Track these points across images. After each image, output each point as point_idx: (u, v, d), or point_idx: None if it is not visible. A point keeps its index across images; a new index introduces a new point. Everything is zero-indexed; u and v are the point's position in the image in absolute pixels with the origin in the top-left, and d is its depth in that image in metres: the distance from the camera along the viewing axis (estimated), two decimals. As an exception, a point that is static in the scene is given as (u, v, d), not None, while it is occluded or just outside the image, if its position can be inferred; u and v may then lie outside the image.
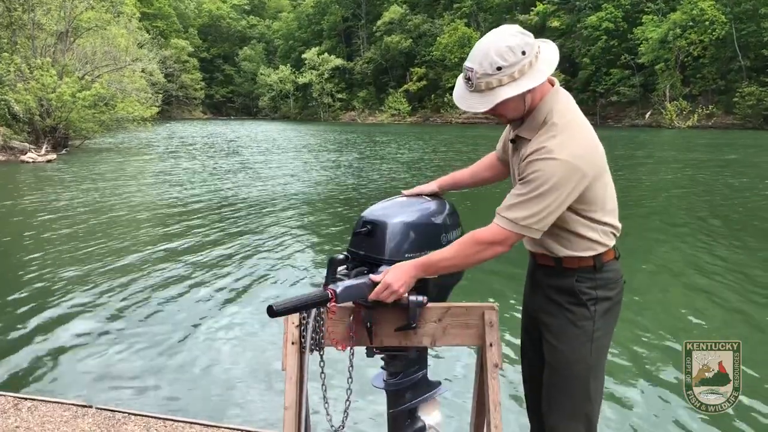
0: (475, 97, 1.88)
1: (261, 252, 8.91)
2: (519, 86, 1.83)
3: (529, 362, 2.33)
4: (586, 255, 2.01)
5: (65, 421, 3.25)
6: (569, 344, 2.04)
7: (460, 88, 1.94)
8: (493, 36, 1.85)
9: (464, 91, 1.91)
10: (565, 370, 2.06)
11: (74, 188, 15.55)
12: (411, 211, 2.11)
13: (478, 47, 1.86)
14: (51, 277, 7.54)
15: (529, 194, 1.85)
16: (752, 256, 8.24)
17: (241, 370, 5.00)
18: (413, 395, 2.32)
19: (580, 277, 2.02)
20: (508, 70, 1.81)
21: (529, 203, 1.85)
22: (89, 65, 30.33)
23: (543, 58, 1.87)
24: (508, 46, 1.80)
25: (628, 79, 52.97)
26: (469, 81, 1.87)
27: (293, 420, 2.07)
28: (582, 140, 1.91)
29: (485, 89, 1.84)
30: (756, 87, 44.42)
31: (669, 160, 22.85)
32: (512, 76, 1.82)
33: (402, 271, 1.94)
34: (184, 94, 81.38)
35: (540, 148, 1.87)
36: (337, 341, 2.10)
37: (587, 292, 2.02)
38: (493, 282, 6.92)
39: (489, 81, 1.83)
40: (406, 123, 62.92)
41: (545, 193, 1.83)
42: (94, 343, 5.52)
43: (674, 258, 8.24)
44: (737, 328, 5.39)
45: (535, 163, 1.86)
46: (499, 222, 1.90)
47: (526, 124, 1.96)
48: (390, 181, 17.03)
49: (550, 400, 2.12)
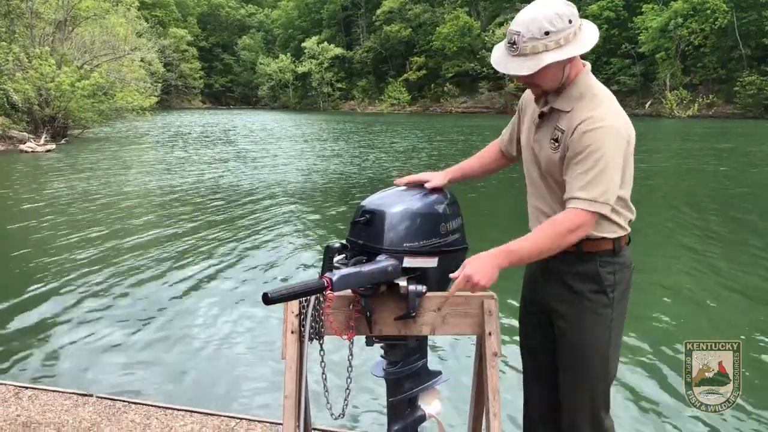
0: (517, 60, 1.88)
1: (259, 240, 8.92)
2: (564, 52, 1.85)
3: (530, 351, 2.33)
4: (608, 237, 2.02)
5: (66, 409, 3.26)
6: (588, 332, 2.06)
7: (501, 53, 1.94)
8: (541, 2, 1.87)
9: (505, 55, 1.91)
10: (584, 358, 2.08)
11: (74, 178, 15.53)
12: (410, 200, 2.11)
13: (526, 12, 1.86)
14: (51, 266, 7.55)
15: (595, 168, 1.86)
16: (752, 253, 8.13)
17: (241, 359, 5.02)
18: (413, 384, 2.33)
19: (601, 262, 2.03)
20: (555, 36, 1.83)
21: (598, 178, 1.86)
22: (88, 54, 30.22)
23: (586, 30, 1.91)
24: (557, 13, 1.83)
25: (629, 68, 52.81)
26: (513, 45, 1.87)
27: (293, 409, 2.08)
28: (620, 110, 1.98)
29: (530, 53, 1.85)
30: (757, 76, 44.28)
31: (661, 149, 22.80)
32: (558, 42, 1.84)
33: (483, 263, 1.87)
34: (183, 84, 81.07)
35: (588, 118, 1.90)
36: (336, 330, 2.11)
37: (608, 277, 2.04)
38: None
39: (535, 45, 1.83)
40: (406, 112, 62.74)
41: (608, 164, 1.86)
42: (94, 332, 5.53)
43: (673, 256, 8.18)
44: (737, 328, 5.29)
45: (589, 134, 1.88)
46: (580, 205, 1.87)
47: (563, 96, 1.98)
48: (387, 170, 17.01)
49: (569, 387, 2.14)
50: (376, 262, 2.00)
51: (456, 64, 60.00)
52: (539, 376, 2.30)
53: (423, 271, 2.09)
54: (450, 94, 62.00)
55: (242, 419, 3.18)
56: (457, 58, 60.10)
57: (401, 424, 2.35)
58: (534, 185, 2.15)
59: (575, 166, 1.90)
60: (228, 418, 3.20)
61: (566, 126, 1.96)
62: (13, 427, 3.09)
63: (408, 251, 2.04)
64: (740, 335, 5.01)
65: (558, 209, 1.99)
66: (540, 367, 2.29)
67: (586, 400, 2.11)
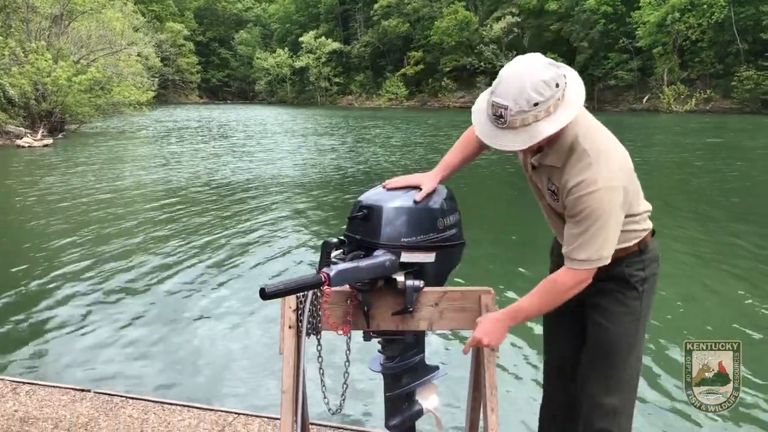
0: (508, 134, 1.79)
1: (256, 235, 8.92)
2: (557, 121, 1.77)
3: (553, 346, 2.35)
4: (631, 244, 2.04)
5: (63, 405, 3.26)
6: (616, 323, 2.07)
7: (487, 126, 1.84)
8: (525, 69, 1.77)
9: (493, 128, 1.82)
10: (610, 347, 2.09)
11: (71, 173, 15.50)
12: (407, 195, 2.10)
13: (511, 82, 1.76)
14: (48, 262, 7.54)
15: (590, 230, 1.85)
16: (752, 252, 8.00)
17: (239, 354, 5.02)
18: (411, 379, 2.33)
19: (629, 263, 2.05)
20: (545, 104, 1.74)
21: (593, 239, 1.86)
22: (84, 49, 30.12)
23: (571, 87, 1.82)
24: (544, 81, 1.74)
25: (626, 63, 52.71)
26: (500, 118, 1.77)
27: (291, 403, 2.08)
28: (614, 156, 1.89)
29: (520, 126, 1.76)
30: (754, 71, 44.22)
31: (656, 143, 22.83)
32: (548, 110, 1.75)
33: (492, 325, 2.00)
34: (180, 78, 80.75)
35: (581, 182, 1.85)
36: (334, 325, 2.11)
37: (636, 274, 2.06)
38: (488, 266, 6.93)
39: (525, 117, 1.75)
40: (404, 107, 62.66)
41: (603, 224, 1.84)
42: (92, 327, 5.53)
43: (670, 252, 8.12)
44: (737, 329, 5.23)
45: (583, 199, 1.85)
46: (575, 266, 1.91)
47: (553, 151, 1.91)
48: (384, 165, 17.00)
49: (589, 376, 2.14)
50: (374, 258, 2.00)
51: (454, 58, 59.86)
52: (562, 371, 2.31)
53: (420, 266, 2.08)
54: (448, 88, 61.88)
55: (240, 414, 3.18)
56: (454, 52, 59.92)
57: (399, 419, 2.36)
58: (544, 202, 2.15)
59: (572, 225, 1.90)
60: (225, 412, 3.20)
61: (560, 183, 1.93)
62: (10, 422, 3.08)
63: (405, 246, 2.03)
64: (740, 335, 4.94)
65: None
66: (563, 362, 2.29)
67: (602, 395, 2.12)
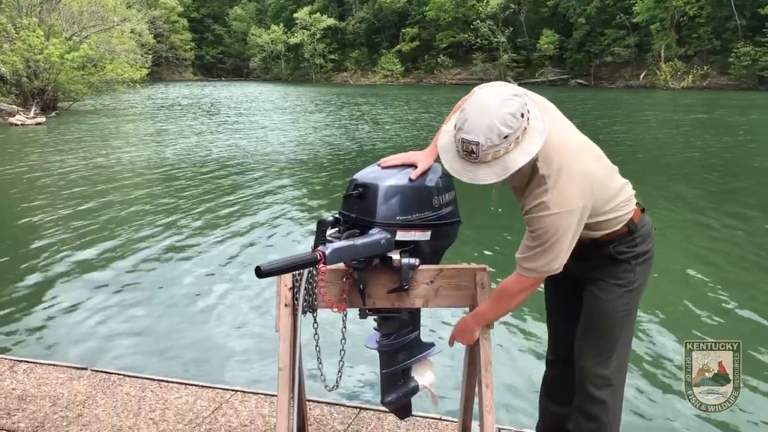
0: (482, 168, 1.81)
1: (251, 213, 8.92)
2: (527, 150, 1.80)
3: (554, 323, 2.40)
4: (618, 228, 2.07)
5: (61, 383, 3.28)
6: (609, 293, 2.11)
7: (458, 163, 1.85)
8: (489, 104, 1.78)
9: (465, 164, 1.83)
10: (604, 318, 2.12)
11: (65, 150, 15.42)
12: (403, 174, 2.09)
13: (479, 119, 1.76)
14: (44, 240, 7.53)
15: (542, 246, 1.90)
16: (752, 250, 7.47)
17: (235, 332, 5.04)
18: (406, 356, 2.35)
19: (619, 242, 2.09)
20: (513, 136, 1.77)
21: (544, 254, 1.91)
22: (76, 26, 29.76)
23: (533, 114, 1.84)
24: (510, 113, 1.76)
25: (623, 39, 52.36)
26: (472, 154, 1.79)
27: (287, 380, 2.09)
28: (574, 177, 1.89)
29: (492, 159, 1.79)
30: (751, 47, 43.98)
31: (642, 120, 22.79)
32: (516, 141, 1.79)
33: (465, 325, 2.18)
34: (174, 56, 79.95)
35: (537, 204, 1.89)
36: (330, 303, 2.12)
37: (628, 251, 2.10)
38: (484, 244, 6.95)
39: (497, 151, 1.78)
40: (399, 84, 62.28)
41: (556, 242, 1.89)
42: (89, 306, 5.55)
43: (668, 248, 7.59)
44: (737, 328, 5.15)
45: (537, 220, 1.89)
46: (522, 272, 1.98)
47: (516, 174, 1.88)
48: (380, 143, 16.95)
49: (586, 348, 2.17)
50: (369, 236, 2.00)
51: (450, 34, 59.36)
52: (562, 347, 2.33)
53: (416, 244, 2.09)
54: (444, 65, 61.43)
55: (237, 391, 3.20)
56: (451, 28, 59.39)
57: (395, 395, 2.38)
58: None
59: (527, 237, 1.95)
60: (223, 390, 3.22)
61: (521, 202, 1.98)
62: (8, 400, 3.10)
63: (401, 224, 2.04)
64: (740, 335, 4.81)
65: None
66: (563, 338, 2.32)
67: (596, 365, 2.15)
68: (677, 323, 5.21)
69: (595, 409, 2.16)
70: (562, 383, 2.35)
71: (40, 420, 2.92)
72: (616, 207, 2.04)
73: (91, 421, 2.92)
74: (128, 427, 2.86)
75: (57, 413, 2.98)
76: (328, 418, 2.90)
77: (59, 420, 2.92)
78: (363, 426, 2.85)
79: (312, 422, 2.84)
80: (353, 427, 2.84)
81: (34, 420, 2.92)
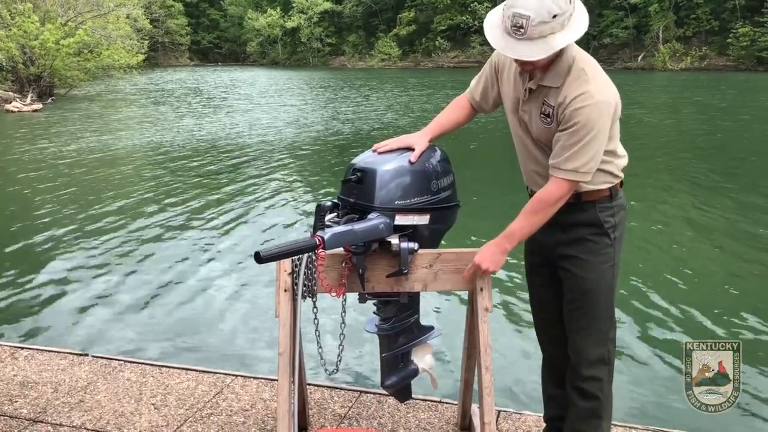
0: (525, 44, 1.86)
1: (250, 199, 8.91)
2: (572, 34, 1.87)
3: (540, 303, 2.38)
4: (604, 187, 2.10)
5: (62, 369, 3.29)
6: (594, 272, 2.12)
7: (503, 39, 1.90)
8: None
9: (509, 39, 1.88)
10: (591, 296, 2.14)
11: (63, 137, 15.36)
12: (401, 158, 2.09)
13: None
14: (43, 227, 7.53)
15: (582, 141, 1.93)
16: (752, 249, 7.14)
17: (236, 317, 5.06)
18: (406, 339, 2.36)
19: (601, 208, 2.11)
20: (561, 18, 1.83)
21: (583, 151, 1.94)
22: (72, 11, 29.53)
23: (578, 6, 1.91)
24: None
25: (621, 20, 52.10)
26: (520, 29, 1.83)
27: (287, 365, 2.10)
28: (606, 78, 2.02)
29: (538, 37, 1.84)
30: (750, 27, 43.77)
31: (635, 101, 22.69)
32: (563, 23, 1.84)
33: (490, 251, 2.09)
34: (170, 41, 79.38)
35: (579, 95, 1.93)
36: (329, 288, 2.12)
37: (608, 220, 2.12)
38: (481, 228, 6.94)
39: (543, 29, 1.82)
40: (397, 67, 61.98)
41: (595, 136, 1.93)
42: (90, 292, 5.56)
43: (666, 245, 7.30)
44: (737, 328, 5.01)
45: (580, 111, 1.92)
46: (563, 175, 1.98)
47: (552, 71, 1.99)
48: (378, 127, 16.91)
49: (576, 328, 2.18)
50: (368, 220, 2.00)
51: (447, 17, 59.01)
52: (552, 327, 2.34)
53: (415, 228, 2.09)
54: (441, 48, 61.11)
55: (237, 376, 3.22)
56: (448, 11, 59.08)
57: (395, 379, 2.39)
58: (526, 149, 2.17)
59: (564, 136, 1.97)
60: (223, 375, 3.23)
61: (556, 101, 1.99)
62: (10, 386, 3.12)
63: (399, 209, 2.04)
64: (740, 335, 4.78)
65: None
66: (551, 318, 2.32)
67: (591, 344, 2.17)
68: (677, 323, 5.10)
69: (592, 387, 2.18)
70: (559, 365, 2.36)
71: (41, 406, 2.94)
72: (613, 157, 2.08)
73: (92, 406, 2.93)
74: (130, 413, 2.87)
75: (58, 399, 2.99)
76: (328, 402, 2.92)
77: (61, 406, 2.93)
78: (363, 409, 2.86)
79: (312, 406, 2.85)
80: (354, 410, 2.86)
81: (36, 406, 2.94)
